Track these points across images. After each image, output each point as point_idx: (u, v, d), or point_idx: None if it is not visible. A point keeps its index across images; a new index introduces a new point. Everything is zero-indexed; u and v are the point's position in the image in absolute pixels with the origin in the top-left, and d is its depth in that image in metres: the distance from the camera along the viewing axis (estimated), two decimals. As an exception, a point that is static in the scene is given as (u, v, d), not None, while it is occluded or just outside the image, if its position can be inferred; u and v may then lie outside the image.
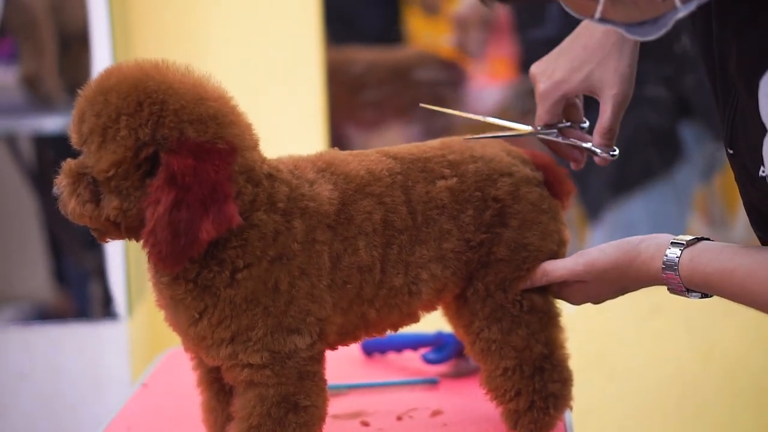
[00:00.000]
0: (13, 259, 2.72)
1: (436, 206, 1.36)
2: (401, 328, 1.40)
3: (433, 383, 1.64)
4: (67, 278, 2.74)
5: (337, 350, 1.37)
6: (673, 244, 1.29)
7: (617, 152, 1.43)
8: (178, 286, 1.28)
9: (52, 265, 2.72)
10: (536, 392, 1.39)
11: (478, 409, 1.50)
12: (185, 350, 1.36)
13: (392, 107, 2.77)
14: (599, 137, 1.43)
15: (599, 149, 1.43)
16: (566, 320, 1.43)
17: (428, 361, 1.69)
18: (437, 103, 1.55)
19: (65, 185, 1.26)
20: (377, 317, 1.35)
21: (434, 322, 1.51)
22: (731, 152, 1.23)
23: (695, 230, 2.77)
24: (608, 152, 1.43)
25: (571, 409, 1.45)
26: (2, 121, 2.61)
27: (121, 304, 2.57)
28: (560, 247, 1.41)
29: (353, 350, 1.68)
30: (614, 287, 1.37)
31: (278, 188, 1.29)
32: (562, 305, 1.43)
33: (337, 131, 2.73)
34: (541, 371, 1.39)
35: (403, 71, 2.77)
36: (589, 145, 1.43)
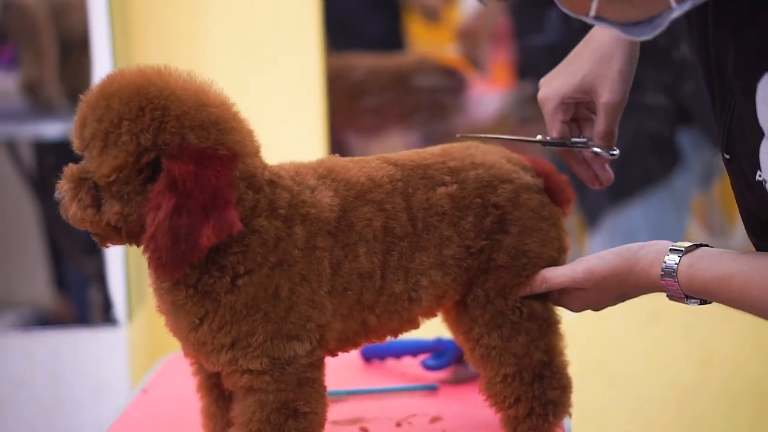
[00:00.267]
0: (13, 264, 2.72)
1: (436, 213, 1.36)
2: (401, 334, 1.40)
3: (432, 389, 1.64)
4: (67, 284, 2.73)
5: (337, 356, 1.37)
6: (671, 250, 1.29)
7: (617, 152, 1.44)
8: (178, 291, 1.28)
9: (52, 270, 2.72)
10: (536, 399, 1.39)
11: (477, 415, 1.50)
12: (185, 356, 1.36)
13: (392, 114, 2.77)
14: (598, 141, 1.44)
15: (599, 149, 1.44)
16: (565, 327, 1.43)
17: (427, 367, 1.69)
18: (437, 109, 1.56)
19: (67, 190, 1.27)
20: (377, 323, 1.35)
21: (433, 328, 1.51)
22: (728, 157, 1.22)
23: (694, 237, 2.77)
24: (608, 152, 1.44)
25: (570, 416, 1.45)
26: (3, 126, 2.61)
27: (120, 309, 2.57)
28: (560, 254, 1.41)
29: (352, 356, 1.68)
30: (614, 294, 1.37)
31: (279, 195, 1.29)
32: (560, 312, 1.43)
33: (337, 137, 2.73)
34: (540, 378, 1.39)
35: (403, 78, 2.77)
36: (594, 148, 1.45)
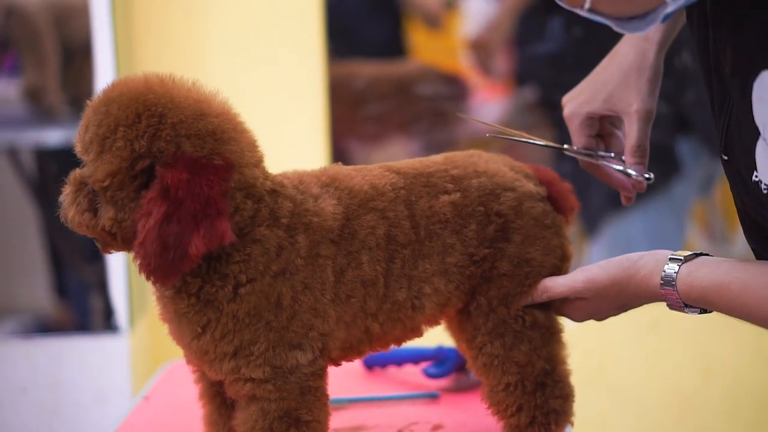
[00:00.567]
0: (14, 271, 2.72)
1: (439, 221, 1.36)
2: (405, 342, 1.40)
3: (433, 397, 1.64)
4: (68, 291, 2.73)
5: (340, 366, 1.37)
6: (671, 259, 1.29)
7: (652, 177, 1.43)
8: (181, 300, 1.28)
9: (53, 277, 2.72)
10: (538, 408, 1.39)
11: (479, 423, 1.50)
12: (188, 363, 1.36)
13: (394, 121, 2.77)
14: (630, 156, 1.43)
15: (634, 171, 1.43)
16: (566, 335, 1.43)
17: (429, 375, 1.69)
18: (438, 116, 1.56)
19: (67, 194, 1.28)
20: (381, 331, 1.35)
21: (435, 336, 1.51)
22: (726, 159, 1.23)
23: (694, 245, 2.77)
24: (642, 174, 1.43)
25: (572, 425, 1.45)
26: (4, 133, 2.62)
27: (122, 317, 2.57)
28: (563, 262, 1.41)
29: (354, 364, 1.67)
30: (614, 304, 1.37)
31: (282, 204, 1.29)
32: (562, 321, 1.43)
33: (339, 145, 2.74)
34: (542, 387, 1.39)
35: (405, 85, 2.77)
36: (621, 167, 1.44)
